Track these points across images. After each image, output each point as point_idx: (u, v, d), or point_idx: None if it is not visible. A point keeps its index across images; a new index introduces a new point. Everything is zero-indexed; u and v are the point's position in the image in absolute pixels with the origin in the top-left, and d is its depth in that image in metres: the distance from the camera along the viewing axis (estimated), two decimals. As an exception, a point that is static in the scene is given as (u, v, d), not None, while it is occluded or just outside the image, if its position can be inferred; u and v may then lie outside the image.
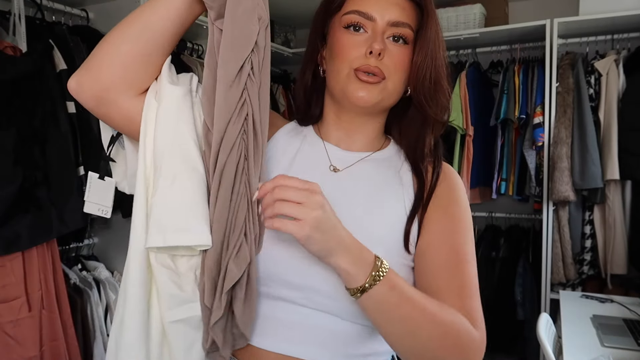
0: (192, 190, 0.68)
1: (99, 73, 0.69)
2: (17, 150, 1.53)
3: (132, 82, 0.70)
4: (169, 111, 0.70)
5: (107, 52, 0.69)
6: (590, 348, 1.66)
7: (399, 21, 0.74)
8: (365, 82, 0.73)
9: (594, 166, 2.39)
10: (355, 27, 0.75)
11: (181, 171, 0.68)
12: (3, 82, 1.51)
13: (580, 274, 2.58)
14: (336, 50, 0.76)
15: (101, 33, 2.02)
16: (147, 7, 0.70)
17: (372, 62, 0.73)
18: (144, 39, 0.69)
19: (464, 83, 2.77)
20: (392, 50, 0.74)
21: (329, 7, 0.79)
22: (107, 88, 0.70)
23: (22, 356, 1.54)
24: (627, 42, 2.58)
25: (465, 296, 0.69)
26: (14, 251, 1.53)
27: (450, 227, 0.75)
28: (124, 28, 0.70)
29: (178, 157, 0.68)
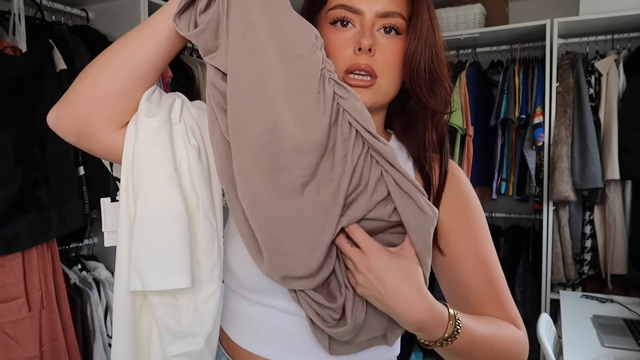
0: (167, 232, 0.66)
1: (76, 108, 0.68)
2: (17, 150, 1.53)
3: (112, 117, 0.68)
4: (142, 147, 0.67)
5: (85, 86, 0.67)
6: (590, 348, 1.65)
7: (389, 11, 0.68)
8: (357, 87, 0.68)
9: (594, 166, 2.39)
10: (343, 22, 0.69)
11: (155, 212, 0.66)
12: (3, 82, 1.51)
13: (581, 274, 2.58)
14: (324, 50, 0.70)
15: (101, 33, 2.02)
16: (130, 39, 0.67)
17: (363, 60, 0.67)
18: (125, 72, 0.66)
19: (464, 83, 2.77)
20: (384, 43, 0.68)
21: (313, 1, 0.73)
22: (86, 123, 0.68)
23: (22, 356, 1.54)
24: (627, 42, 2.58)
25: (503, 300, 0.71)
26: (14, 251, 1.53)
27: (471, 234, 0.73)
28: (104, 61, 0.67)
29: (151, 196, 0.66)
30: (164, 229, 0.66)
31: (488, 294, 0.71)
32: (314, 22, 0.73)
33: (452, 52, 3.06)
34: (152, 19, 0.68)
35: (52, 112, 0.70)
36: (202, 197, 0.69)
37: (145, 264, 0.65)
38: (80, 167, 1.76)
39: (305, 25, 0.66)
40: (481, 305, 0.71)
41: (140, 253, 0.65)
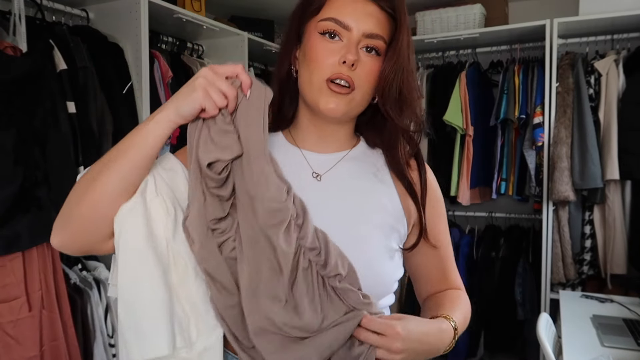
0: (143, 301, 0.71)
1: (80, 237, 0.74)
2: (17, 150, 1.53)
3: (111, 230, 0.73)
4: (117, 227, 0.72)
5: (85, 216, 0.72)
6: (590, 348, 1.66)
7: (374, 33, 0.76)
8: (336, 93, 0.75)
9: (594, 166, 2.39)
10: (331, 34, 0.76)
11: (130, 282, 0.71)
12: (3, 82, 1.51)
13: (580, 274, 2.58)
14: (310, 55, 0.77)
15: (101, 33, 2.02)
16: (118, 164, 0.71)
17: (345, 71, 0.75)
18: (125, 195, 0.72)
19: (464, 83, 2.77)
20: (364, 61, 0.76)
21: (306, 9, 0.80)
22: (91, 246, 0.75)
23: (22, 356, 1.54)
24: (627, 42, 2.58)
25: (451, 274, 0.91)
26: (14, 251, 1.53)
27: (438, 224, 0.89)
28: (100, 187, 0.70)
29: (127, 267, 0.72)
30: (141, 298, 0.71)
31: (443, 273, 0.91)
32: (302, 28, 0.81)
33: (452, 52, 3.07)
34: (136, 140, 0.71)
35: (55, 236, 0.75)
36: (189, 257, 0.73)
37: (127, 334, 0.71)
38: (81, 167, 1.76)
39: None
40: (435, 282, 0.92)
41: (124, 323, 0.71)
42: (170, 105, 0.70)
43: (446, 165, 2.87)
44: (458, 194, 2.81)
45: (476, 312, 2.86)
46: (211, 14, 2.87)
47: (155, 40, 2.35)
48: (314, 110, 0.80)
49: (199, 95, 0.68)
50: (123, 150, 0.71)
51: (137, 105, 2.04)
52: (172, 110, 0.70)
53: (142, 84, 2.03)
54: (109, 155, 0.72)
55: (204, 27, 2.49)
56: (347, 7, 0.76)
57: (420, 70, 3.05)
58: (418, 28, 2.98)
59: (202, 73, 0.70)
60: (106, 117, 1.88)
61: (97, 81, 1.86)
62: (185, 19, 2.32)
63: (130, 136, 0.71)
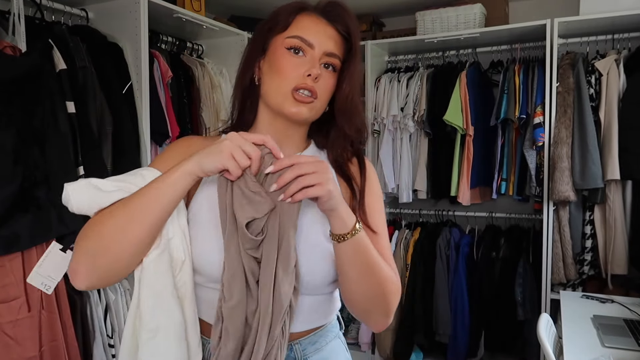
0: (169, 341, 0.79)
1: (109, 279, 0.80)
2: (17, 150, 1.53)
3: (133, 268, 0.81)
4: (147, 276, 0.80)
5: (115, 263, 0.77)
6: (590, 348, 1.65)
7: (333, 52, 0.88)
8: (300, 102, 0.86)
9: (595, 166, 2.39)
10: (296, 50, 0.87)
11: (160, 325, 0.79)
12: (3, 82, 1.51)
13: (581, 274, 2.58)
14: (277, 67, 0.87)
15: (101, 33, 2.02)
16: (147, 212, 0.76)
17: (309, 83, 0.86)
18: (152, 243, 0.79)
19: (464, 83, 2.77)
20: (324, 75, 0.88)
21: (274, 26, 0.90)
22: (118, 280, 0.82)
23: (22, 356, 1.54)
24: (628, 42, 2.58)
25: (388, 261, 0.89)
26: (13, 251, 1.53)
27: (375, 213, 0.94)
28: (128, 239, 0.76)
29: (158, 311, 0.79)
30: (168, 338, 0.79)
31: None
32: (268, 42, 0.91)
33: (452, 52, 3.07)
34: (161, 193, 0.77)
35: (82, 281, 0.78)
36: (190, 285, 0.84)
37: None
38: (80, 167, 1.76)
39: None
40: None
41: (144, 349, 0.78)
42: (194, 160, 0.77)
43: (446, 165, 2.87)
44: (458, 194, 2.80)
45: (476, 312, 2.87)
46: (211, 13, 2.87)
47: (155, 40, 2.35)
48: (276, 114, 0.90)
49: (223, 157, 0.75)
50: (149, 204, 0.76)
51: (137, 105, 2.04)
52: (195, 165, 0.76)
53: (141, 84, 2.03)
54: (132, 204, 0.77)
55: (203, 26, 2.49)
56: (311, 28, 0.88)
57: (420, 70, 3.05)
58: (418, 28, 2.98)
59: (230, 136, 0.77)
60: (106, 117, 1.88)
61: (96, 81, 1.86)
62: (185, 19, 2.32)
63: (154, 188, 0.77)
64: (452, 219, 3.10)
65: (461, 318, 2.72)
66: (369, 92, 3.06)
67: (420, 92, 2.91)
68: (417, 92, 2.92)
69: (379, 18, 3.34)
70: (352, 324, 3.35)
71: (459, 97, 2.76)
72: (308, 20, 0.89)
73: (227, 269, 0.78)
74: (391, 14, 3.30)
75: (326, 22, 0.90)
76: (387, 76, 3.07)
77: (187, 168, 0.76)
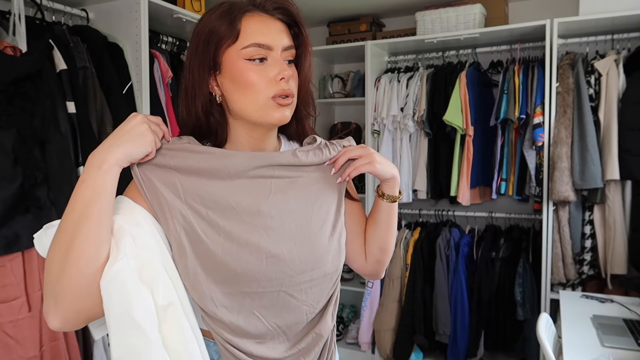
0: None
1: (77, 308, 0.73)
2: (17, 150, 1.53)
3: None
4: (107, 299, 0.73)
5: (73, 287, 0.72)
6: (590, 348, 1.66)
7: (289, 45, 0.87)
8: (282, 106, 0.85)
9: (594, 166, 2.39)
10: (260, 58, 0.84)
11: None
12: (3, 82, 1.51)
13: (580, 274, 2.58)
14: (245, 81, 0.83)
15: (101, 33, 2.02)
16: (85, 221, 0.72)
17: (286, 86, 0.85)
18: (102, 252, 0.74)
19: (464, 83, 2.77)
20: (290, 71, 0.87)
21: (220, 40, 0.84)
22: (93, 312, 0.75)
23: (22, 356, 1.54)
24: (627, 42, 2.58)
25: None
26: (14, 251, 1.53)
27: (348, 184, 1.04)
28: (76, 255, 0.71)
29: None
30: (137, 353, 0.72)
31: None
32: (217, 55, 0.85)
33: (452, 52, 3.07)
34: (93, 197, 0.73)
35: (53, 320, 0.73)
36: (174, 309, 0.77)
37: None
38: (80, 167, 1.76)
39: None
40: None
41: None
42: (117, 150, 0.74)
43: (446, 166, 2.87)
44: (458, 194, 2.80)
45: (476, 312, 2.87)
46: (211, 13, 2.87)
47: (155, 40, 2.35)
48: (254, 125, 0.88)
49: (151, 140, 0.77)
50: (83, 212, 0.72)
51: (137, 105, 2.04)
52: (122, 156, 0.74)
53: (142, 84, 2.03)
54: (68, 220, 0.72)
55: (203, 27, 2.48)
56: (262, 30, 0.84)
57: (420, 70, 3.05)
58: (418, 28, 2.98)
59: (142, 119, 0.78)
60: (106, 117, 1.88)
61: (96, 81, 1.86)
62: (185, 19, 2.32)
63: (83, 194, 0.72)
64: (452, 219, 3.10)
65: (461, 318, 2.73)
66: (368, 92, 3.06)
67: (420, 92, 2.91)
68: (417, 92, 2.93)
69: (379, 18, 3.34)
70: (352, 323, 3.35)
71: (458, 97, 2.77)
72: (254, 22, 0.84)
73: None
74: (391, 14, 3.30)
75: (270, 17, 0.86)
76: (387, 76, 3.07)
77: (112, 162, 0.73)
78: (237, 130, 0.90)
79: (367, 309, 3.00)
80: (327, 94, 3.47)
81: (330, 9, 3.18)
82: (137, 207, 0.81)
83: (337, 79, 3.48)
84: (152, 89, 2.11)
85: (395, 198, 0.98)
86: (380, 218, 1.00)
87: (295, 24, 0.88)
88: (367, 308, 3.00)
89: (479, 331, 2.74)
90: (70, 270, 0.71)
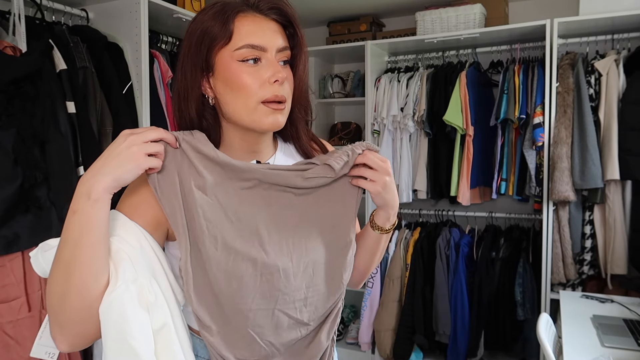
0: None
1: (83, 333, 0.73)
2: (17, 150, 1.53)
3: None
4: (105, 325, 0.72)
5: (77, 317, 0.72)
6: (590, 348, 1.66)
7: (284, 46, 0.84)
8: (275, 110, 0.82)
9: (594, 166, 2.39)
10: (254, 60, 0.81)
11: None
12: (3, 82, 1.51)
13: (580, 274, 2.58)
14: (237, 84, 0.81)
15: (101, 33, 2.02)
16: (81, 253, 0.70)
17: (279, 90, 0.82)
18: (102, 280, 0.72)
19: (464, 83, 2.77)
20: (284, 73, 0.83)
21: (212, 42, 0.81)
22: (98, 338, 0.75)
23: (22, 356, 1.54)
24: (627, 42, 2.58)
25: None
26: (13, 251, 1.53)
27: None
28: (75, 286, 0.71)
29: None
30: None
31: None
32: (211, 59, 0.82)
33: (452, 52, 3.07)
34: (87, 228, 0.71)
35: (61, 344, 0.74)
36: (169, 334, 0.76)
37: None
38: (80, 167, 1.76)
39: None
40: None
41: None
42: (105, 179, 0.71)
43: (446, 166, 2.87)
44: (458, 194, 2.80)
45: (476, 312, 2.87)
46: (211, 13, 2.87)
47: (155, 40, 2.35)
48: (247, 130, 0.85)
49: (142, 162, 0.73)
50: (77, 244, 0.70)
51: (137, 105, 2.04)
52: (110, 183, 0.71)
53: (142, 84, 2.03)
54: (64, 252, 0.71)
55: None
56: (256, 31, 0.81)
57: (420, 70, 3.05)
58: (418, 28, 2.98)
59: (131, 141, 0.73)
60: (106, 117, 1.88)
61: (96, 81, 1.86)
62: (185, 19, 2.32)
63: (74, 226, 0.71)
64: (452, 219, 3.10)
65: (461, 318, 2.73)
66: (368, 92, 3.06)
67: (420, 92, 2.91)
68: (417, 92, 2.93)
69: (379, 18, 3.34)
70: (352, 323, 3.35)
71: (458, 97, 2.76)
72: (248, 23, 0.81)
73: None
74: (391, 14, 3.30)
75: (264, 17, 0.83)
76: (387, 76, 3.07)
77: (100, 190, 0.70)
78: (230, 134, 0.87)
79: (367, 309, 3.00)
80: (327, 94, 3.47)
81: (330, 9, 3.18)
82: (132, 225, 0.78)
83: (337, 79, 3.48)
84: (152, 89, 2.11)
85: (384, 230, 0.94)
86: (365, 244, 0.96)
87: (290, 24, 0.85)
88: (367, 308, 3.00)
89: (479, 331, 2.74)
90: (71, 301, 0.71)
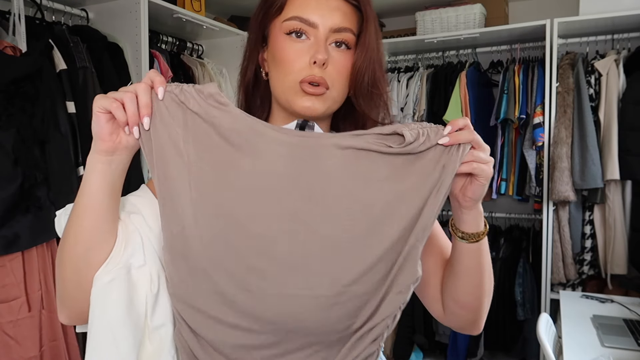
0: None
1: (81, 307, 0.69)
2: (17, 150, 1.53)
3: None
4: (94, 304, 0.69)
5: (74, 287, 0.69)
6: (590, 348, 1.66)
7: (341, 27, 0.73)
8: (310, 94, 0.72)
9: (594, 166, 2.39)
10: (297, 33, 0.73)
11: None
12: (3, 82, 1.51)
13: (580, 274, 2.58)
14: (279, 58, 0.74)
15: (101, 33, 2.02)
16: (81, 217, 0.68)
17: (317, 72, 0.71)
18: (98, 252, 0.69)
19: (464, 83, 2.77)
20: (335, 57, 0.73)
21: (268, 10, 0.76)
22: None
23: (22, 356, 1.54)
24: (627, 42, 2.58)
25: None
26: (14, 251, 1.53)
27: None
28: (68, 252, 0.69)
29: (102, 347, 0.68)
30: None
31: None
32: (266, 29, 0.78)
33: (452, 52, 3.07)
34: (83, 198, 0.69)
35: (61, 313, 0.73)
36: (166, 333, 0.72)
37: None
38: (80, 167, 1.76)
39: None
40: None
41: None
42: (92, 151, 0.68)
43: (446, 165, 2.87)
44: (458, 194, 2.80)
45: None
46: (211, 13, 2.87)
47: (155, 40, 2.35)
48: (288, 111, 0.76)
49: (99, 118, 0.65)
50: (79, 210, 0.69)
51: (137, 105, 2.04)
52: (92, 151, 0.68)
53: (142, 84, 2.03)
54: (71, 216, 0.70)
55: (203, 26, 2.49)
56: (310, 4, 0.73)
57: (420, 70, 3.05)
58: (418, 28, 2.98)
59: (97, 101, 0.67)
60: (106, 117, 1.88)
61: (96, 81, 1.86)
62: (185, 19, 2.32)
63: (79, 193, 0.70)
64: (452, 219, 3.10)
65: (461, 318, 2.73)
66: (368, 92, 3.06)
67: (420, 92, 2.91)
68: (417, 92, 2.93)
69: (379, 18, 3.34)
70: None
71: (458, 97, 2.77)
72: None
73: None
74: (391, 14, 3.30)
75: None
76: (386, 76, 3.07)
77: (89, 159, 0.68)
78: (278, 113, 0.79)
79: (367, 309, 3.00)
80: (327, 94, 3.47)
81: (330, 8, 3.17)
82: (156, 202, 0.71)
83: (337, 79, 3.48)
84: (152, 89, 2.11)
85: (480, 235, 0.73)
86: (457, 262, 0.76)
87: (359, 5, 0.76)
88: (367, 308, 3.00)
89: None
90: (64, 273, 0.69)
